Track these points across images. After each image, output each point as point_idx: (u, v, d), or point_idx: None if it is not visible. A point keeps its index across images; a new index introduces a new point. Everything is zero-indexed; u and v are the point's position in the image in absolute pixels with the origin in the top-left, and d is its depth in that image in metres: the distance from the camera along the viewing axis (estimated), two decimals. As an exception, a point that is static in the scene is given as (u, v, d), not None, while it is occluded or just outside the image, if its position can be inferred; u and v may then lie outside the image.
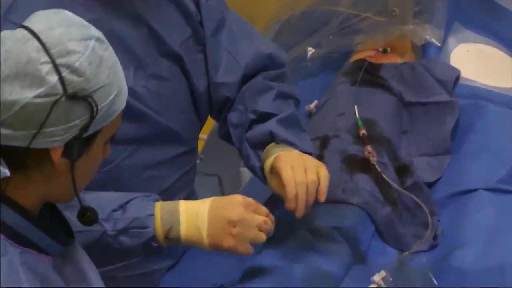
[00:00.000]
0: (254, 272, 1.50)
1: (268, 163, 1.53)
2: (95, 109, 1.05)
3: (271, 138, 1.55)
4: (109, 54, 1.09)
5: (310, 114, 2.09)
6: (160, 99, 1.59)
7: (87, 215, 1.14)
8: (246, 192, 1.95)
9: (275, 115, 1.58)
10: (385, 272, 1.52)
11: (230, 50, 1.63)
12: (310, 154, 1.56)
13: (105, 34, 1.10)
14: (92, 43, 1.06)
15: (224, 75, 1.63)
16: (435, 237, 1.66)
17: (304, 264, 1.52)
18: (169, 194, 1.66)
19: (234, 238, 1.37)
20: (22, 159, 1.06)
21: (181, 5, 1.59)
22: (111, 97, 1.07)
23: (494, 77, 2.05)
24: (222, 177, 1.97)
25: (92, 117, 1.05)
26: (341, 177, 1.73)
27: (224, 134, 1.70)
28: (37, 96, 1.02)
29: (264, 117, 1.59)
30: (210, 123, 2.10)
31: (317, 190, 1.46)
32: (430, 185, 1.82)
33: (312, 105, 2.09)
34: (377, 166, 1.74)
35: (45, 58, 1.02)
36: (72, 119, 1.04)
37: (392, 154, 1.84)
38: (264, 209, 1.41)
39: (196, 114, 1.67)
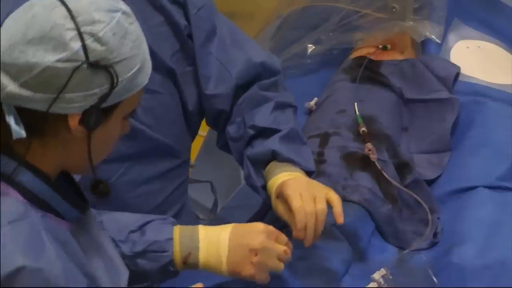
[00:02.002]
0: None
1: (272, 184, 1.51)
2: (115, 80, 1.06)
3: (274, 157, 1.54)
4: (134, 28, 1.09)
5: (310, 111, 2.09)
6: (152, 113, 1.58)
7: (100, 187, 1.16)
8: (239, 197, 1.95)
9: (275, 130, 1.57)
10: (385, 270, 1.52)
11: (221, 60, 1.61)
12: (312, 172, 1.56)
13: None
14: (118, 15, 1.07)
15: (215, 87, 1.61)
16: (435, 235, 1.66)
17: (304, 261, 1.52)
18: (164, 207, 1.66)
19: (255, 267, 1.35)
20: (41, 124, 1.08)
21: (170, 18, 1.57)
22: (133, 71, 1.08)
23: (493, 74, 2.05)
24: (215, 182, 1.96)
25: (112, 88, 1.06)
26: (341, 174, 1.74)
27: (222, 145, 1.70)
28: (58, 60, 1.03)
29: (263, 132, 1.58)
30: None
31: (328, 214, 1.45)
32: (430, 182, 1.83)
33: (312, 102, 2.10)
34: (377, 164, 1.74)
35: (71, 24, 1.04)
36: (92, 87, 1.05)
37: (392, 151, 1.84)
38: (284, 238, 1.39)
39: (187, 126, 1.66)
